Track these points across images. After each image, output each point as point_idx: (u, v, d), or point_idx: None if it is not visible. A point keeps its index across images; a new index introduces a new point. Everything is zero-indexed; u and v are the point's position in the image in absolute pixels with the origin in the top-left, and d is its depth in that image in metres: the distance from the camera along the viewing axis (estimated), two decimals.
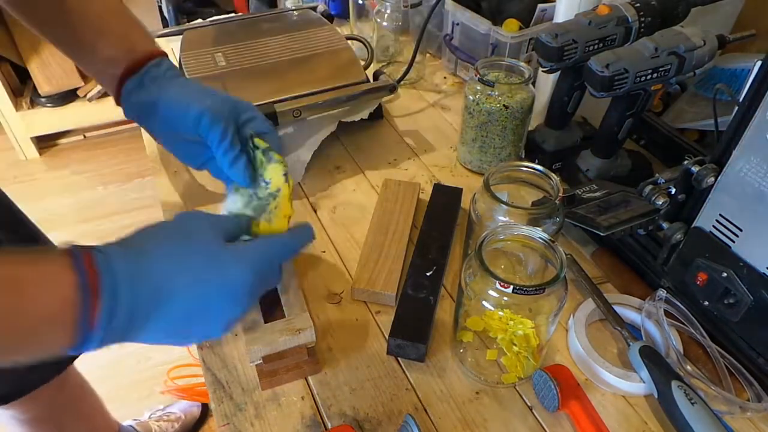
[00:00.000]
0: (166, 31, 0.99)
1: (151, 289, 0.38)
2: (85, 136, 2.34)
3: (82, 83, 2.11)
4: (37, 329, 0.34)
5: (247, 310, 0.43)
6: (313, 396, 0.55)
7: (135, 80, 0.56)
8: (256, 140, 0.55)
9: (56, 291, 0.34)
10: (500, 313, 0.51)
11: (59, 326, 0.34)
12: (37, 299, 0.33)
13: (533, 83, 0.78)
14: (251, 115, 0.56)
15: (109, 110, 2.20)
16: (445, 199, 0.75)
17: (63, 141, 2.32)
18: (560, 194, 0.60)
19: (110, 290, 0.35)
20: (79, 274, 0.34)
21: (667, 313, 0.59)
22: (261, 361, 0.54)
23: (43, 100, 2.11)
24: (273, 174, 0.54)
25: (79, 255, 0.35)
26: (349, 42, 0.93)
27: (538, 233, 0.53)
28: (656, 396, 0.52)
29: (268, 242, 0.46)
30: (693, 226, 0.56)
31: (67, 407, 0.97)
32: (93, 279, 0.35)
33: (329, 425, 0.53)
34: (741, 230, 0.51)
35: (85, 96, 2.15)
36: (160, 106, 0.55)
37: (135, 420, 1.30)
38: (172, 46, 1.11)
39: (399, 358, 0.59)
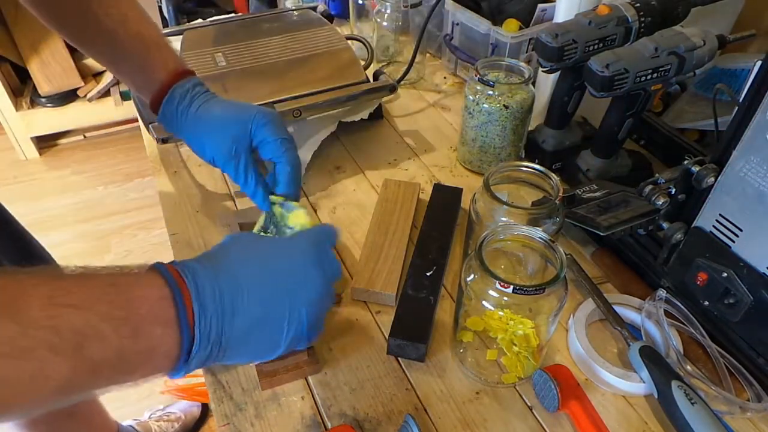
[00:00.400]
0: (166, 31, 0.98)
1: (228, 281, 0.39)
2: (85, 136, 2.34)
3: (82, 83, 2.11)
4: (144, 326, 0.35)
5: (325, 291, 0.44)
6: (313, 396, 0.55)
7: (165, 105, 0.61)
8: (271, 197, 0.59)
9: (151, 289, 0.36)
10: (500, 313, 0.51)
11: (163, 322, 0.35)
12: (138, 295, 0.35)
13: (533, 83, 0.78)
14: (263, 137, 0.58)
15: (109, 110, 2.20)
16: (445, 199, 0.75)
17: (63, 141, 2.32)
18: (560, 194, 0.60)
19: (194, 285, 0.37)
20: (164, 275, 0.37)
21: (667, 313, 0.59)
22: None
23: (43, 100, 2.11)
24: (295, 220, 0.57)
25: (159, 264, 0.38)
26: (349, 42, 0.93)
27: (538, 233, 0.53)
28: (656, 396, 0.52)
29: (309, 230, 0.50)
30: (693, 226, 0.56)
31: (64, 409, 0.97)
32: (178, 278, 0.37)
33: (329, 425, 0.53)
34: (741, 230, 0.51)
35: (85, 96, 2.15)
36: (184, 139, 0.62)
37: (135, 420, 1.30)
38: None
39: (399, 358, 0.59)
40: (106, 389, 0.35)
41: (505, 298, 0.50)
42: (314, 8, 1.03)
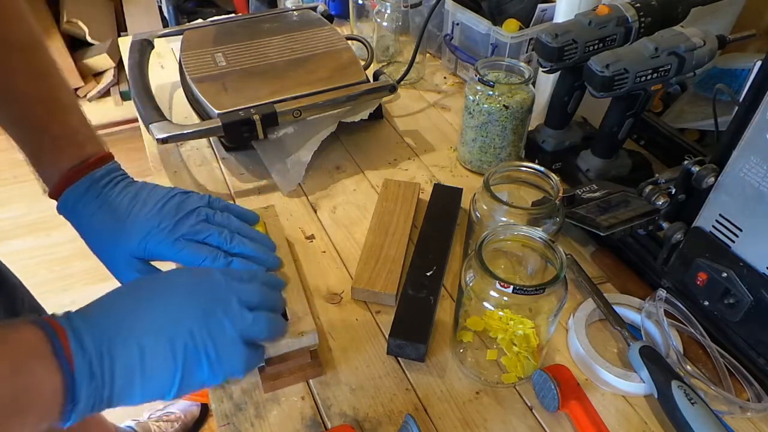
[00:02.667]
0: (166, 31, 0.99)
1: (102, 315, 0.40)
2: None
3: (82, 83, 2.11)
4: (24, 362, 0.35)
5: (206, 327, 0.42)
6: (313, 396, 0.55)
7: (74, 190, 0.55)
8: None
9: (28, 333, 0.36)
10: (500, 313, 0.51)
11: (42, 357, 0.36)
12: (15, 337, 0.36)
13: (533, 83, 0.78)
14: (160, 255, 0.54)
15: (109, 110, 2.20)
16: (445, 199, 0.75)
17: None
18: (560, 194, 0.60)
19: (66, 323, 0.38)
20: (38, 323, 0.37)
21: (667, 313, 0.59)
22: (264, 364, 0.54)
23: None
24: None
25: (34, 318, 0.38)
26: (349, 42, 0.93)
27: (538, 233, 0.53)
28: (656, 396, 0.52)
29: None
30: (693, 226, 0.56)
31: None
32: (52, 322, 0.38)
33: (329, 425, 0.53)
34: (741, 230, 0.51)
35: (85, 96, 2.15)
36: (90, 243, 0.56)
37: (134, 420, 1.30)
38: (172, 46, 1.11)
39: (399, 358, 0.59)
40: None
41: (505, 298, 0.50)
42: (314, 8, 1.03)
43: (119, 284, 0.47)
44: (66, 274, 1.80)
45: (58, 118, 0.55)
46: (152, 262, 0.55)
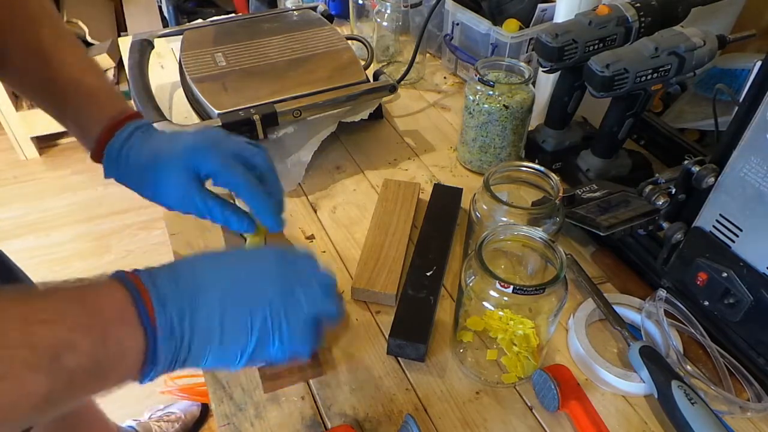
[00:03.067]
0: (166, 31, 0.99)
1: (186, 278, 0.41)
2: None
3: None
4: (111, 329, 0.36)
5: (290, 300, 0.43)
6: (313, 396, 0.55)
7: (117, 140, 0.55)
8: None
9: (112, 295, 0.37)
10: (500, 313, 0.51)
11: (127, 322, 0.37)
12: (102, 302, 0.37)
13: (533, 83, 0.78)
14: (208, 170, 0.53)
15: None
16: (445, 199, 0.75)
17: (63, 141, 2.32)
18: (560, 194, 0.60)
19: (151, 283, 0.39)
20: (123, 281, 0.38)
21: (667, 313, 0.59)
22: (264, 364, 0.54)
23: None
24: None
25: (118, 272, 0.39)
26: (349, 42, 0.93)
27: (538, 233, 0.53)
28: (656, 396, 0.52)
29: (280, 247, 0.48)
30: (693, 226, 0.56)
31: (64, 421, 0.96)
32: (136, 280, 0.39)
33: (329, 425, 0.53)
34: (741, 230, 0.51)
35: None
36: (137, 184, 0.56)
37: (135, 420, 1.30)
38: (172, 46, 1.11)
39: (399, 358, 0.59)
40: (83, 398, 0.36)
41: (505, 298, 0.50)
42: (314, 8, 1.03)
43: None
44: (66, 274, 1.80)
45: (89, 74, 0.57)
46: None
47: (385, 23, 1.01)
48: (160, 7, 2.07)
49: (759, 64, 0.49)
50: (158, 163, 0.54)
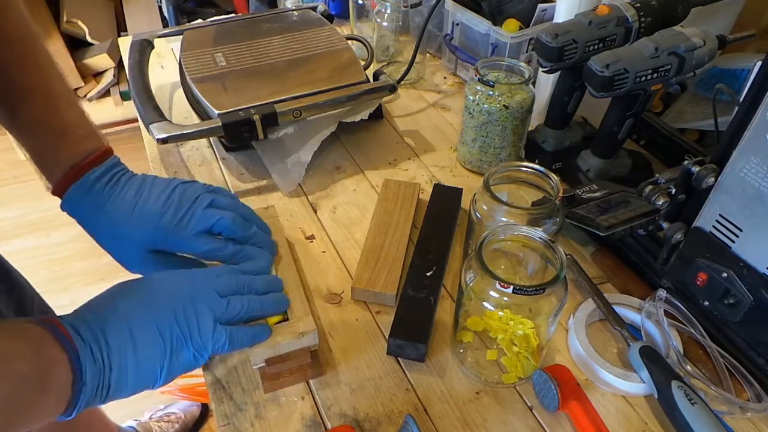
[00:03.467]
0: (166, 31, 0.99)
1: (101, 306, 0.45)
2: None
3: (82, 83, 2.11)
4: (41, 347, 0.39)
5: (180, 307, 0.47)
6: (313, 396, 0.55)
7: (77, 189, 0.55)
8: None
9: (29, 326, 0.40)
10: (500, 313, 0.51)
11: (51, 344, 0.40)
12: (26, 329, 0.40)
13: (533, 83, 0.78)
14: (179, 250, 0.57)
15: (109, 110, 2.20)
16: (446, 199, 0.75)
17: None
18: (560, 194, 0.60)
19: (61, 319, 0.42)
20: (38, 322, 0.41)
21: (667, 313, 0.59)
22: (264, 364, 0.54)
23: None
24: None
25: (33, 319, 0.42)
26: (349, 42, 0.93)
27: (538, 233, 0.53)
28: (656, 396, 0.52)
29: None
30: (693, 226, 0.56)
31: (64, 422, 0.96)
32: (46, 319, 0.42)
33: (329, 425, 0.53)
34: (741, 230, 0.51)
35: (85, 96, 2.15)
36: (98, 240, 0.57)
37: (135, 420, 1.30)
38: (172, 46, 1.11)
39: (399, 358, 0.59)
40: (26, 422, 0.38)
41: (505, 299, 0.50)
42: (314, 8, 1.03)
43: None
44: (66, 274, 1.80)
45: (56, 111, 0.55)
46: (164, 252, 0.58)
47: (385, 23, 1.01)
48: (160, 7, 2.07)
49: (759, 64, 0.49)
50: (116, 238, 0.56)
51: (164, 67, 1.06)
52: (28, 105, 0.54)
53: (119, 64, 2.13)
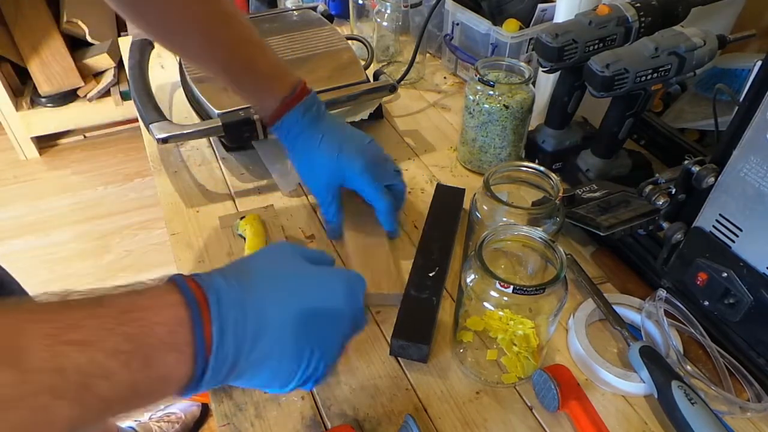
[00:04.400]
0: None
1: (254, 307, 0.37)
2: (85, 136, 2.34)
3: (82, 83, 2.11)
4: (157, 356, 0.33)
5: (349, 328, 0.44)
6: (313, 396, 0.55)
7: (291, 116, 0.65)
8: None
9: (169, 311, 0.34)
10: (500, 313, 0.51)
11: (178, 349, 0.33)
12: (154, 321, 0.33)
13: (533, 83, 0.78)
14: (356, 186, 0.67)
15: (109, 110, 2.20)
16: (448, 199, 0.75)
17: (63, 141, 2.32)
18: (560, 194, 0.60)
19: (216, 307, 0.35)
20: (185, 293, 0.35)
21: (667, 313, 0.59)
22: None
23: (43, 100, 2.11)
24: None
25: (181, 279, 0.36)
26: (349, 42, 0.93)
27: (538, 233, 0.53)
28: (656, 396, 0.52)
29: (345, 273, 0.46)
30: (693, 226, 0.56)
31: None
32: (200, 296, 0.35)
33: (329, 425, 0.53)
34: (741, 230, 0.51)
35: (85, 96, 2.15)
36: (298, 162, 0.68)
37: (136, 421, 1.30)
38: None
39: (399, 358, 0.58)
40: (116, 419, 0.34)
41: (505, 299, 0.50)
42: (314, 8, 1.03)
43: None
44: (66, 274, 1.80)
45: (260, 56, 0.64)
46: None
47: (385, 23, 1.01)
48: None
49: (759, 64, 0.49)
50: (319, 159, 0.65)
51: (164, 67, 1.06)
52: (237, 54, 0.63)
53: (119, 64, 2.13)
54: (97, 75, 2.18)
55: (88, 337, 0.30)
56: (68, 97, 2.15)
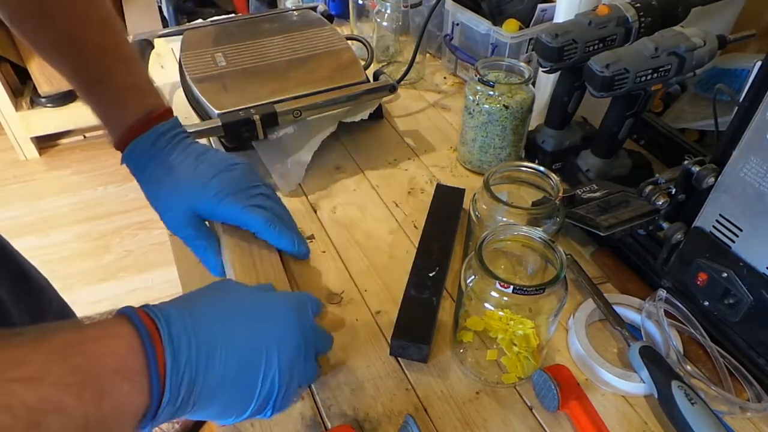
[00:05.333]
0: (166, 31, 0.99)
1: (205, 331, 0.38)
2: (85, 136, 2.34)
3: None
4: (110, 386, 0.32)
5: (302, 357, 0.44)
6: (313, 396, 0.55)
7: (141, 141, 0.56)
8: None
9: (119, 342, 0.33)
10: (500, 313, 0.51)
11: (131, 378, 0.33)
12: (104, 352, 0.32)
13: (533, 83, 0.78)
14: (224, 216, 0.58)
15: None
16: (448, 199, 0.75)
17: (63, 141, 2.32)
18: (560, 194, 0.60)
19: (167, 334, 0.35)
20: (136, 323, 0.34)
21: (667, 313, 0.59)
22: None
23: (43, 100, 2.11)
24: None
25: (131, 311, 0.36)
26: (349, 42, 0.93)
27: (538, 233, 0.53)
28: (656, 396, 0.52)
29: (292, 294, 0.49)
30: (693, 226, 0.56)
31: None
32: (150, 326, 0.35)
33: (329, 425, 0.53)
34: (741, 230, 0.51)
35: None
36: (150, 194, 0.58)
37: None
38: (172, 46, 1.11)
39: (399, 359, 0.58)
40: None
41: (505, 299, 0.50)
42: (314, 8, 1.03)
43: (168, 238, 0.51)
44: (66, 274, 1.80)
45: (121, 67, 0.56)
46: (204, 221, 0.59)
47: (385, 23, 1.01)
48: (160, 7, 2.06)
49: (759, 64, 0.49)
50: (165, 195, 0.56)
51: (164, 67, 1.06)
52: (94, 62, 0.55)
53: None
54: None
55: (34, 372, 0.29)
56: (68, 97, 2.15)
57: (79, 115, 2.19)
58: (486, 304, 0.51)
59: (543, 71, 0.72)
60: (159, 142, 0.56)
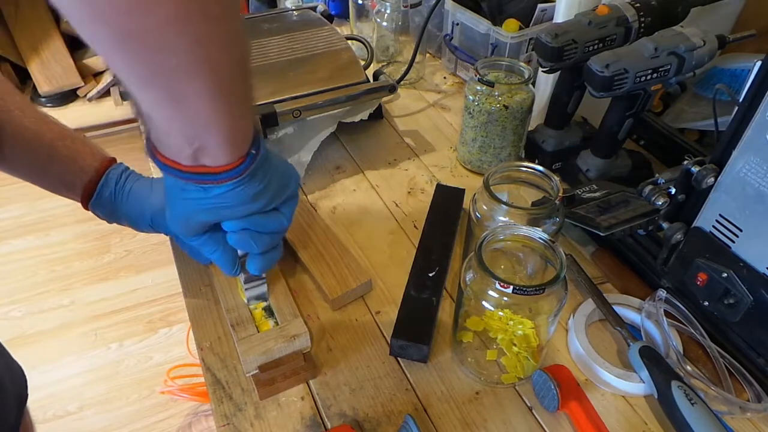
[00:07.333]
0: None
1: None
2: (84, 137, 2.34)
3: (82, 83, 2.11)
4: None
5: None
6: (312, 396, 0.55)
7: (103, 186, 0.62)
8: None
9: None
10: (500, 313, 0.51)
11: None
12: None
13: (533, 83, 0.78)
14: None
15: (109, 110, 2.20)
16: (448, 199, 0.75)
17: None
18: (560, 194, 0.60)
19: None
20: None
21: (667, 313, 0.59)
22: (257, 370, 0.54)
23: (43, 100, 2.11)
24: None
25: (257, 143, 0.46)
26: (349, 42, 0.93)
27: (538, 233, 0.53)
28: (656, 396, 0.52)
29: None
30: (693, 226, 0.56)
31: None
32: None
33: (329, 425, 0.53)
34: (741, 230, 0.51)
35: (85, 96, 2.15)
36: (124, 219, 0.64)
37: None
38: None
39: (399, 359, 0.58)
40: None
41: (505, 299, 0.50)
42: (314, 8, 1.03)
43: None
44: (66, 274, 1.80)
45: (57, 146, 0.62)
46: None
47: (385, 23, 1.01)
48: None
49: (759, 64, 0.49)
50: (138, 214, 0.62)
51: None
52: (24, 150, 0.62)
53: None
54: (97, 75, 2.18)
55: None
56: (68, 97, 2.15)
57: (79, 115, 2.18)
58: (486, 304, 0.51)
59: (543, 71, 0.73)
60: (120, 180, 0.62)
